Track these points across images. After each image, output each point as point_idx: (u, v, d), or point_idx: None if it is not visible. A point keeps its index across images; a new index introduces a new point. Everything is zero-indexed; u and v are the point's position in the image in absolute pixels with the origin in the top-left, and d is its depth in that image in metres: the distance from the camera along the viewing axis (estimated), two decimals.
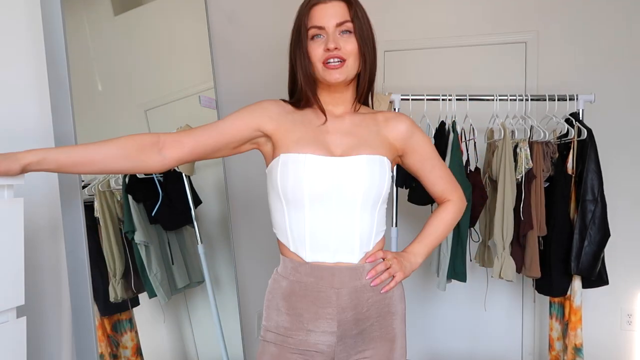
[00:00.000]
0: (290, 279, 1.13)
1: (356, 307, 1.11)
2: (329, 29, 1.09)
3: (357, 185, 1.07)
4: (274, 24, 2.74)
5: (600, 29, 2.75)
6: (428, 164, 1.24)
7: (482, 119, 2.57)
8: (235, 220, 2.19)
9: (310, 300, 1.10)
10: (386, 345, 1.14)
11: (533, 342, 2.92)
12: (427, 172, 1.25)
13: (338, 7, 1.10)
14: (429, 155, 1.24)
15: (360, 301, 1.11)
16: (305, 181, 1.07)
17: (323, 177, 1.07)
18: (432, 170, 1.26)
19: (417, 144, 1.21)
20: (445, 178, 1.28)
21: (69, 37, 1.31)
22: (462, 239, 2.35)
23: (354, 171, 1.08)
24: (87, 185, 1.41)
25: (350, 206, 1.09)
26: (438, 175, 1.26)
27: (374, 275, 1.12)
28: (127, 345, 1.54)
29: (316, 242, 1.10)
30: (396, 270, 1.15)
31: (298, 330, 1.11)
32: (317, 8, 1.11)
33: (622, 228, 2.64)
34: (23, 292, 0.97)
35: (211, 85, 2.01)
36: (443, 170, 1.28)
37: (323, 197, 1.08)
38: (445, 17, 3.02)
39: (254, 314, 2.45)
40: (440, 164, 1.27)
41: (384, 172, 1.11)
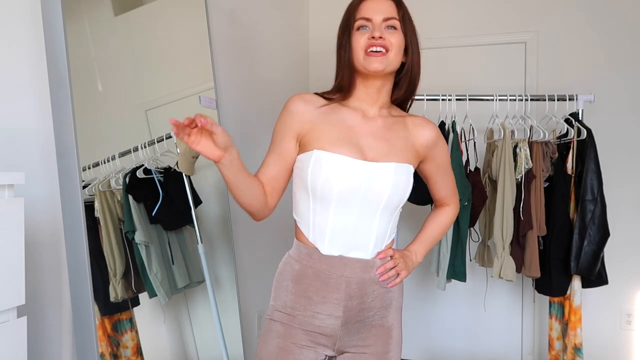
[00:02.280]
0: (303, 264, 1.18)
1: (362, 297, 1.16)
2: (376, 21, 1.13)
3: (382, 191, 1.12)
4: (274, 24, 2.74)
5: (600, 29, 2.75)
6: (441, 172, 1.30)
7: (482, 119, 2.57)
8: (235, 220, 2.19)
9: (320, 285, 1.15)
10: (385, 332, 1.20)
11: (533, 342, 2.92)
12: (438, 179, 1.31)
13: (388, 4, 1.15)
14: (444, 165, 1.30)
15: (367, 292, 1.16)
16: (335, 181, 1.10)
17: (353, 180, 1.11)
18: (443, 178, 1.32)
19: (437, 152, 1.27)
20: (451, 186, 1.34)
21: (69, 37, 1.31)
22: (462, 239, 2.35)
23: (382, 177, 1.12)
24: (87, 185, 1.41)
25: (373, 209, 1.14)
26: (446, 183, 1.33)
27: (382, 272, 1.18)
28: (127, 345, 1.54)
29: (335, 238, 1.15)
30: (402, 268, 1.22)
31: (305, 310, 1.15)
32: (367, 2, 1.15)
33: (621, 228, 2.63)
34: (23, 292, 0.97)
35: (211, 85, 2.01)
36: (450, 178, 1.34)
37: (350, 198, 1.12)
38: (445, 17, 3.02)
39: (254, 314, 2.45)
40: (450, 172, 1.33)
41: (409, 181, 1.16)
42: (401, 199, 1.16)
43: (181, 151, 1.79)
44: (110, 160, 1.53)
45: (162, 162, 1.75)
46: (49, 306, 1.33)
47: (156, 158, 1.73)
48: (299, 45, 3.13)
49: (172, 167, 1.78)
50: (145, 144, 1.69)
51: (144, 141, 1.69)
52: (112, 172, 1.54)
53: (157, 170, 1.72)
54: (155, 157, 1.72)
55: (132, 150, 1.64)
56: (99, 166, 1.49)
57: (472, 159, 2.49)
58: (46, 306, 1.33)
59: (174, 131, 1.02)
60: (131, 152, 1.63)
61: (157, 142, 1.74)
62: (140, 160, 1.65)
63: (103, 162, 1.51)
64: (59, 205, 1.33)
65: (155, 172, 1.71)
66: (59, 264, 1.35)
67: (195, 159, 1.87)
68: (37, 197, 1.30)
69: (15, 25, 1.27)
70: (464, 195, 2.27)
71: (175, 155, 1.79)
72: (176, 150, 1.79)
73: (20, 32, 1.28)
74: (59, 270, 1.35)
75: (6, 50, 1.25)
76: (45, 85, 1.31)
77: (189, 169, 1.84)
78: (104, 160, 1.51)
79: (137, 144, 1.66)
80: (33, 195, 1.28)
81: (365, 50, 1.11)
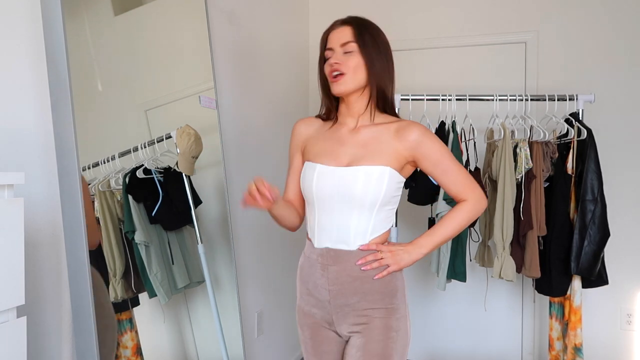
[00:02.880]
0: (305, 256, 1.39)
1: (344, 284, 1.29)
2: (336, 49, 1.29)
3: (354, 192, 1.26)
4: (274, 24, 2.74)
5: (600, 29, 2.75)
6: (439, 169, 1.31)
7: (482, 119, 2.57)
8: (235, 220, 2.19)
9: (312, 272, 1.34)
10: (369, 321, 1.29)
11: (533, 342, 2.92)
12: (439, 176, 1.32)
13: (345, 31, 1.29)
14: (439, 161, 1.30)
15: (348, 280, 1.29)
16: (313, 186, 1.30)
17: (327, 184, 1.29)
18: (444, 175, 1.31)
19: (427, 151, 1.29)
20: (460, 181, 1.32)
21: (69, 37, 1.31)
22: (462, 239, 2.35)
23: (352, 180, 1.26)
24: (87, 185, 1.41)
25: (349, 207, 1.28)
26: (450, 180, 1.32)
27: (363, 263, 1.28)
28: (127, 345, 1.54)
29: (322, 233, 1.32)
30: (389, 262, 1.29)
31: (308, 296, 1.36)
32: (330, 34, 1.32)
33: (622, 228, 2.64)
34: (23, 292, 0.97)
35: (211, 85, 2.01)
36: (456, 174, 1.32)
37: (328, 199, 1.29)
38: (445, 17, 3.02)
39: (254, 314, 2.45)
40: (453, 168, 1.31)
41: (382, 181, 1.25)
42: (375, 198, 1.25)
43: (181, 151, 1.80)
44: (110, 160, 1.54)
45: (162, 162, 1.75)
46: (48, 306, 1.33)
47: (156, 158, 1.73)
48: (299, 46, 3.12)
49: (172, 167, 1.78)
50: (145, 144, 1.69)
51: (144, 141, 1.69)
52: (112, 172, 1.54)
53: (157, 170, 1.72)
54: (155, 157, 1.72)
55: (132, 150, 1.64)
56: (99, 166, 1.49)
57: (472, 159, 2.49)
58: (46, 306, 1.33)
59: (244, 201, 1.22)
60: (131, 152, 1.63)
61: (157, 142, 1.74)
62: (140, 160, 1.65)
63: (103, 162, 1.51)
64: (59, 205, 1.33)
65: (155, 172, 1.71)
66: (58, 264, 1.35)
67: (195, 159, 1.87)
68: (37, 197, 1.30)
69: (15, 25, 1.27)
70: None
71: (175, 155, 1.79)
72: (176, 150, 1.79)
73: (20, 32, 1.28)
74: (59, 270, 1.35)
75: (6, 50, 1.25)
76: (45, 85, 1.31)
77: (189, 169, 1.84)
78: (104, 160, 1.51)
79: (137, 144, 1.66)
80: (33, 195, 1.28)
81: (330, 77, 1.29)
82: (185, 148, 1.79)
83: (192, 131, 1.83)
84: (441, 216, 2.35)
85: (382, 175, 1.25)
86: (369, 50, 1.27)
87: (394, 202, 1.31)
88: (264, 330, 2.56)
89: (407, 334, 1.34)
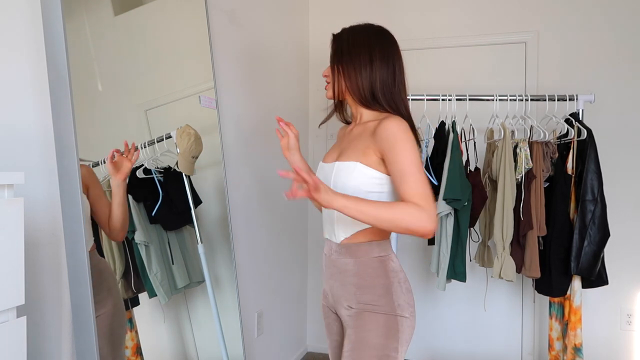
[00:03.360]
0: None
1: (333, 275, 1.39)
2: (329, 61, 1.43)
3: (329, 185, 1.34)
4: (274, 24, 2.74)
5: (600, 29, 2.75)
6: (397, 171, 1.22)
7: (482, 119, 2.57)
8: (235, 220, 2.19)
9: (323, 259, 1.47)
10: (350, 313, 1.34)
11: (533, 342, 2.92)
12: (396, 180, 1.23)
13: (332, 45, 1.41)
14: (397, 162, 1.22)
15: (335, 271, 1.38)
16: None
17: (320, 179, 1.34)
18: (402, 180, 1.21)
19: (387, 146, 1.24)
20: (416, 192, 1.19)
21: (69, 37, 1.31)
22: (462, 239, 2.35)
23: (329, 175, 1.36)
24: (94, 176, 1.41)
25: None
26: (406, 188, 1.20)
27: (284, 175, 1.13)
28: (127, 345, 1.54)
29: (324, 225, 1.45)
30: (313, 186, 1.14)
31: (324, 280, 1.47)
32: None
33: (622, 228, 2.64)
34: (23, 292, 0.97)
35: (211, 85, 2.01)
36: (414, 182, 1.20)
37: None
38: (446, 17, 3.02)
39: (253, 313, 2.45)
40: (413, 175, 1.20)
41: (349, 176, 1.30)
42: (349, 192, 1.29)
43: (181, 151, 1.80)
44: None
45: (162, 162, 1.75)
46: (48, 306, 1.33)
47: (156, 158, 1.73)
48: (299, 45, 3.13)
49: (172, 167, 1.78)
50: (145, 144, 1.69)
51: (144, 141, 1.69)
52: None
53: (157, 170, 1.72)
54: (155, 157, 1.72)
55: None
56: (98, 166, 1.49)
57: (472, 159, 2.49)
58: (46, 306, 1.33)
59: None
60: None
61: (157, 142, 1.74)
62: (140, 160, 1.65)
63: (103, 162, 1.51)
64: (58, 205, 1.33)
65: (155, 172, 1.71)
66: (58, 264, 1.35)
67: (195, 159, 1.87)
68: (37, 197, 1.30)
69: (15, 25, 1.27)
70: (463, 195, 2.27)
71: (175, 155, 1.79)
72: (176, 150, 1.79)
73: (20, 32, 1.28)
74: (58, 270, 1.35)
75: (6, 50, 1.25)
76: (45, 85, 1.31)
77: (189, 169, 1.84)
78: (104, 160, 1.51)
79: (137, 144, 1.66)
80: (33, 195, 1.28)
81: None
82: (185, 148, 1.80)
83: (192, 131, 1.83)
84: (441, 216, 2.35)
85: (351, 171, 1.30)
86: (342, 60, 1.36)
87: (374, 197, 1.28)
88: (264, 330, 2.56)
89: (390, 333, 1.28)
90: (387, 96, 1.35)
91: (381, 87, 1.34)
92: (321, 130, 3.19)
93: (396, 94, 1.36)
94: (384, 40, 1.37)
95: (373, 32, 1.38)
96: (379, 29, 1.40)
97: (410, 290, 1.37)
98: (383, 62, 1.34)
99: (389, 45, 1.38)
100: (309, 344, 3.32)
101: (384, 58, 1.35)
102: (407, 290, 1.35)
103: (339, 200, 1.17)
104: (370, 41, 1.36)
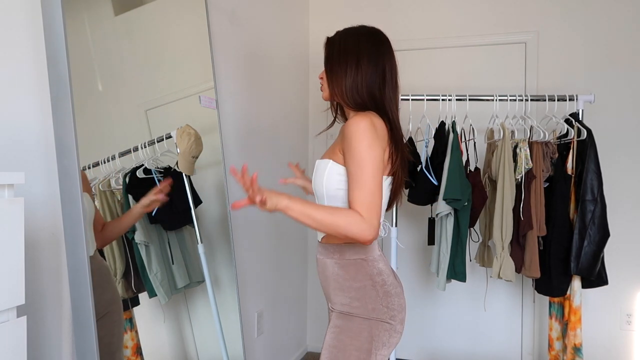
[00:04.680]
0: None
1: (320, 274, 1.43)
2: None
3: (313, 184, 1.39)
4: (274, 24, 2.74)
5: (600, 29, 2.75)
6: (349, 169, 1.23)
7: (482, 119, 2.57)
8: (235, 220, 2.19)
9: None
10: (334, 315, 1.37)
11: (533, 342, 2.92)
12: (348, 184, 1.24)
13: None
14: (349, 162, 1.23)
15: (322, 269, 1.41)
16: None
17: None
18: (350, 187, 1.22)
19: (346, 146, 1.24)
20: (354, 191, 1.21)
21: (70, 37, 1.31)
22: (462, 239, 2.35)
23: (312, 173, 1.44)
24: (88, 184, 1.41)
25: (317, 198, 1.39)
26: (350, 187, 1.22)
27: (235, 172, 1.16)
28: (127, 344, 1.54)
29: None
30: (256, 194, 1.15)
31: None
32: None
33: (621, 228, 2.64)
34: (23, 292, 0.97)
35: (211, 85, 2.01)
36: (358, 185, 1.21)
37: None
38: (445, 17, 3.02)
39: (253, 314, 2.45)
40: (358, 176, 1.21)
41: (322, 174, 1.33)
42: (320, 189, 1.33)
43: (181, 151, 1.80)
44: (110, 160, 1.53)
45: (162, 162, 1.75)
46: (48, 306, 1.33)
47: (156, 158, 1.73)
48: (299, 45, 3.13)
49: (172, 167, 1.78)
50: (145, 143, 1.69)
51: (144, 141, 1.69)
52: (112, 172, 1.54)
53: (157, 170, 1.72)
54: (155, 157, 1.72)
55: (132, 150, 1.64)
56: (99, 166, 1.49)
57: (472, 159, 2.49)
58: (46, 306, 1.33)
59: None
60: (131, 152, 1.63)
61: (157, 142, 1.74)
62: (140, 160, 1.65)
63: (103, 162, 1.51)
64: (59, 205, 1.33)
65: (155, 172, 1.71)
66: (59, 264, 1.35)
67: (195, 159, 1.87)
68: (37, 197, 1.30)
69: (15, 25, 1.27)
70: (463, 195, 2.27)
71: (175, 155, 1.79)
72: (176, 150, 1.79)
73: (20, 32, 1.28)
74: (59, 270, 1.35)
75: (6, 50, 1.25)
76: (45, 85, 1.31)
77: (189, 169, 1.84)
78: (104, 160, 1.51)
79: (137, 144, 1.66)
80: (33, 195, 1.28)
81: None
82: (186, 148, 1.80)
83: (192, 131, 1.83)
84: (441, 216, 2.35)
85: (324, 168, 1.33)
86: (332, 64, 1.37)
87: (340, 196, 1.28)
88: (264, 330, 2.56)
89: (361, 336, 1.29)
90: (375, 98, 1.33)
91: (367, 90, 1.32)
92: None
93: (386, 95, 1.35)
94: (373, 41, 1.36)
95: (363, 34, 1.37)
96: (370, 30, 1.39)
97: (392, 294, 1.32)
98: (370, 64, 1.33)
99: (379, 45, 1.36)
100: (309, 344, 3.33)
101: (372, 60, 1.33)
102: (385, 293, 1.31)
103: (283, 201, 1.18)
104: (358, 44, 1.35)
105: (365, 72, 1.32)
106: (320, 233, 1.43)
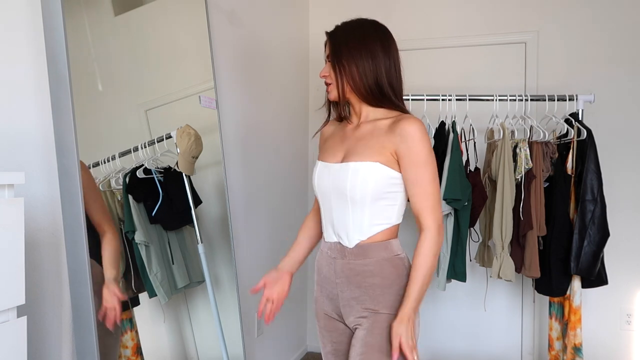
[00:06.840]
0: (320, 249, 1.45)
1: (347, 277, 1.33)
2: (326, 61, 1.38)
3: (344, 187, 1.29)
4: (274, 24, 2.74)
5: (600, 29, 2.75)
6: (411, 175, 1.25)
7: (482, 119, 2.57)
8: (235, 220, 2.19)
9: (323, 265, 1.41)
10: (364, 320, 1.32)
11: (532, 342, 2.92)
12: (409, 182, 1.27)
13: (327, 44, 1.37)
14: (414, 165, 1.25)
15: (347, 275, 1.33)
16: (315, 182, 1.40)
17: (324, 180, 1.36)
18: (414, 184, 1.26)
19: (406, 150, 1.24)
20: (426, 199, 1.26)
21: (69, 37, 1.31)
22: (462, 239, 2.35)
23: (343, 176, 1.29)
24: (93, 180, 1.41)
25: (342, 202, 1.31)
26: (418, 192, 1.26)
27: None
28: (127, 344, 1.54)
29: (328, 227, 1.38)
30: (408, 345, 1.23)
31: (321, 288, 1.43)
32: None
33: (621, 228, 2.64)
34: (23, 292, 0.97)
35: (211, 85, 2.01)
36: (425, 188, 1.25)
37: (325, 194, 1.36)
38: (446, 17, 3.02)
39: (253, 314, 2.45)
40: (426, 181, 1.25)
41: (367, 176, 1.26)
42: (363, 193, 1.26)
43: (181, 151, 1.80)
44: (110, 160, 1.54)
45: (162, 162, 1.75)
46: (49, 306, 1.33)
47: (156, 158, 1.73)
48: (299, 45, 3.13)
49: (172, 167, 1.78)
50: (145, 144, 1.69)
51: (144, 141, 1.69)
52: (112, 172, 1.54)
53: (157, 170, 1.72)
54: (155, 157, 1.72)
55: (132, 150, 1.64)
56: (99, 166, 1.49)
57: (472, 159, 2.49)
58: (46, 306, 1.33)
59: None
60: (131, 152, 1.63)
61: (157, 142, 1.74)
62: (140, 160, 1.65)
63: (103, 162, 1.51)
64: (59, 205, 1.33)
65: (155, 172, 1.71)
66: (59, 264, 1.35)
67: (195, 159, 1.87)
68: (37, 197, 1.30)
69: (15, 25, 1.27)
70: (463, 195, 2.27)
71: (175, 155, 1.79)
72: (176, 150, 1.79)
73: (20, 32, 1.28)
74: (59, 270, 1.35)
75: (6, 50, 1.25)
76: (45, 85, 1.31)
77: (189, 168, 1.84)
78: (104, 160, 1.51)
79: (137, 144, 1.66)
80: (33, 195, 1.28)
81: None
82: (185, 148, 1.80)
83: (192, 131, 1.83)
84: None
85: (368, 171, 1.26)
86: (342, 58, 1.30)
87: (390, 197, 1.28)
88: (264, 330, 2.56)
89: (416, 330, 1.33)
90: (396, 90, 1.32)
91: (388, 81, 1.29)
92: None
93: (400, 86, 1.34)
94: (381, 32, 1.33)
95: (368, 25, 1.33)
96: (373, 22, 1.35)
97: None
98: (385, 54, 1.30)
99: (387, 37, 1.34)
100: (309, 344, 3.33)
101: (385, 50, 1.30)
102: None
103: (408, 312, 1.25)
104: (367, 35, 1.31)
105: (382, 63, 1.29)
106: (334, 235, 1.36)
